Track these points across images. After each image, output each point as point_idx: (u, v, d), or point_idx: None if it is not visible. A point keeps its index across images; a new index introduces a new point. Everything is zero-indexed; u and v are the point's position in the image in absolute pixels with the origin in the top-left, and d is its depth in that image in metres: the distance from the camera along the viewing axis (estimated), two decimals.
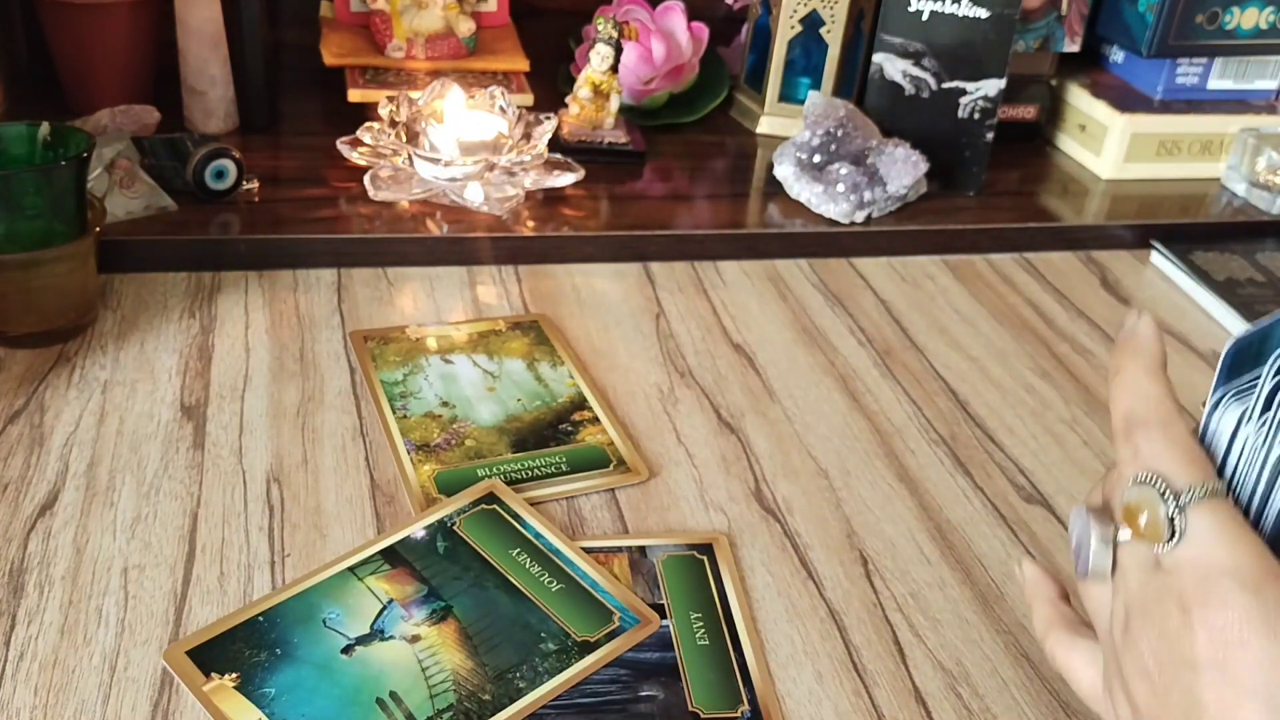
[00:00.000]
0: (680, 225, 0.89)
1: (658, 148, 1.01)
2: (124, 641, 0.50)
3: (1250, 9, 1.05)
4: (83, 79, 0.94)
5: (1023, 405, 0.74)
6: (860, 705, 0.51)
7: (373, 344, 0.72)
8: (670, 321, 0.79)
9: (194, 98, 0.94)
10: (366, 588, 0.54)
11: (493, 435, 0.65)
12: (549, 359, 0.73)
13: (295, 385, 0.68)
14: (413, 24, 0.98)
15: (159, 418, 0.64)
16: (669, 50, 1.03)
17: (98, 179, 0.79)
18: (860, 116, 0.95)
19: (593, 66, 0.96)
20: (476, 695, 0.49)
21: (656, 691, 0.50)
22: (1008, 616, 0.57)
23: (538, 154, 0.88)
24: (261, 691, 0.48)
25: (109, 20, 0.92)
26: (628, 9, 1.05)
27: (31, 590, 0.52)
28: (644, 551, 0.58)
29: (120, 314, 0.74)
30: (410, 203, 0.87)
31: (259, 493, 0.60)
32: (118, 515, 0.57)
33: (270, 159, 0.92)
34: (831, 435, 0.69)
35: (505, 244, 0.84)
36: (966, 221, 0.94)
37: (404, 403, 0.67)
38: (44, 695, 0.47)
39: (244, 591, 0.53)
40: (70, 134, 0.70)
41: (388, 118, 0.88)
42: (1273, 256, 0.94)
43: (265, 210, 0.85)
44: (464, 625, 0.52)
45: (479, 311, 0.78)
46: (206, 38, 0.92)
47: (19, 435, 0.62)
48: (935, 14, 0.94)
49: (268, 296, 0.77)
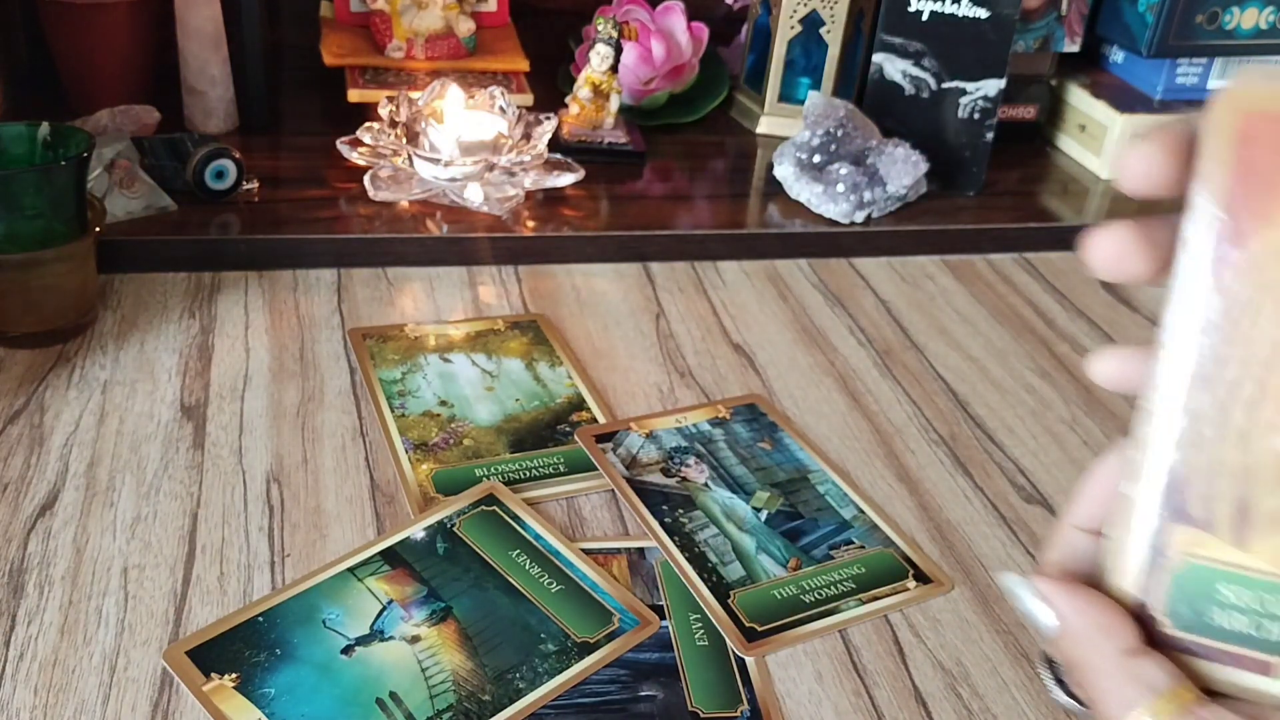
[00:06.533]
0: (680, 225, 0.89)
1: (658, 148, 1.01)
2: (124, 641, 0.50)
3: (1250, 9, 1.05)
4: (83, 79, 0.94)
5: (1023, 405, 0.74)
6: (860, 705, 0.51)
7: (371, 342, 0.72)
8: (670, 321, 0.79)
9: (194, 98, 0.94)
10: (366, 588, 0.54)
11: (490, 435, 0.65)
12: (548, 359, 0.73)
13: (295, 385, 0.68)
14: (413, 24, 0.98)
15: (159, 418, 0.64)
16: (669, 50, 1.03)
17: (98, 179, 0.79)
18: (860, 116, 0.95)
19: (593, 66, 0.96)
20: (476, 696, 0.49)
21: (656, 692, 0.50)
22: (1008, 616, 0.57)
23: (538, 154, 0.88)
24: (261, 692, 0.48)
25: (109, 20, 0.92)
26: (628, 9, 1.05)
27: (31, 590, 0.52)
28: (643, 553, 0.58)
29: (120, 314, 0.74)
30: (410, 203, 0.87)
31: (259, 493, 0.60)
32: (118, 515, 0.57)
33: (270, 159, 0.92)
34: (831, 435, 0.69)
35: (505, 244, 0.84)
36: (966, 221, 0.94)
37: (402, 401, 0.67)
38: (44, 695, 0.47)
39: (244, 592, 0.53)
40: (70, 134, 0.70)
41: (388, 118, 0.87)
42: None
43: (265, 210, 0.85)
44: (464, 626, 0.52)
45: (479, 311, 0.78)
46: (206, 38, 0.92)
47: (19, 435, 0.62)
48: (935, 14, 0.94)
49: (268, 296, 0.77)
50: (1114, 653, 0.30)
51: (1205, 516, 0.30)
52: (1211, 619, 0.30)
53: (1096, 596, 0.31)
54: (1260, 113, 0.29)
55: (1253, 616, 0.30)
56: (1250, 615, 0.30)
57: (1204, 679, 0.30)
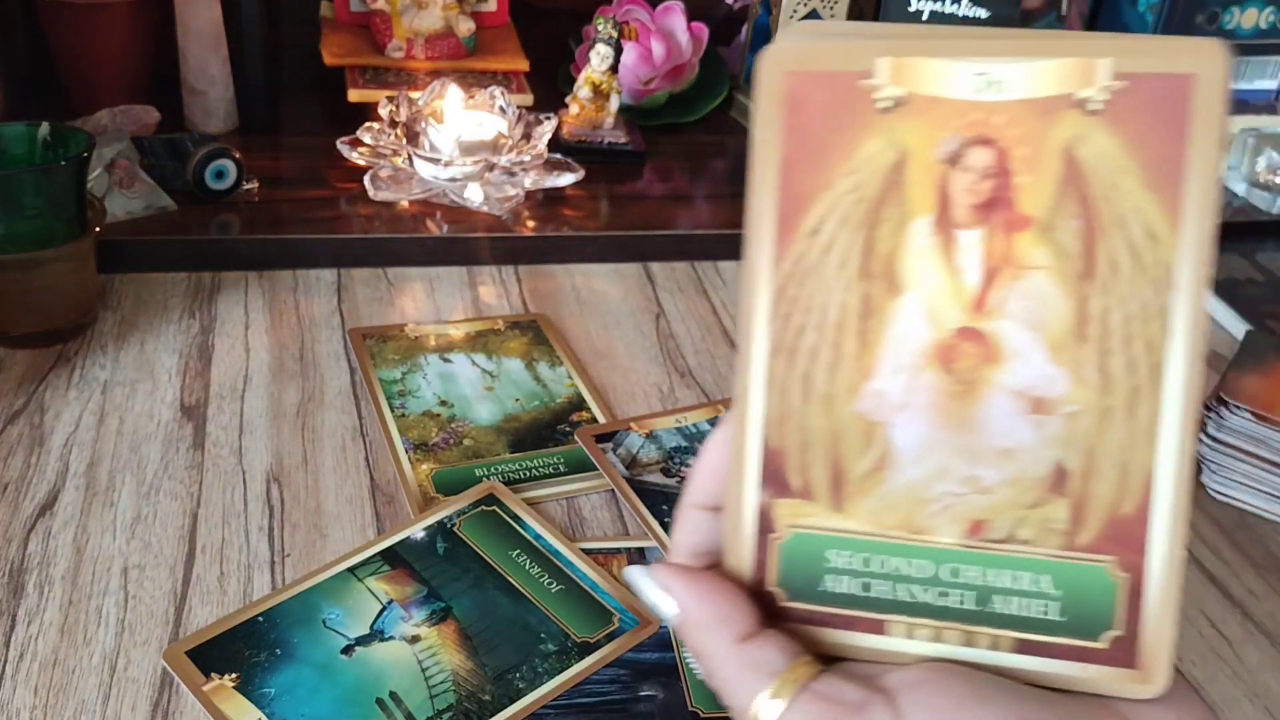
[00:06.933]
0: (680, 225, 0.89)
1: (658, 148, 1.01)
2: (124, 641, 0.50)
3: (1250, 9, 1.05)
4: (83, 79, 0.94)
5: None
6: None
7: (371, 341, 0.72)
8: (670, 321, 0.79)
9: (194, 98, 0.94)
10: (366, 588, 0.54)
11: (490, 435, 0.65)
12: (547, 359, 0.73)
13: (295, 385, 0.68)
14: (413, 24, 0.98)
15: (159, 418, 0.64)
16: (669, 50, 1.03)
17: (98, 179, 0.79)
18: None
19: (593, 66, 0.96)
20: (476, 695, 0.49)
21: (656, 691, 0.50)
22: None
23: (538, 154, 0.88)
24: (261, 691, 0.48)
25: (109, 20, 0.92)
26: (628, 9, 1.05)
27: (31, 590, 0.52)
28: (643, 553, 0.58)
29: (120, 314, 0.74)
30: (410, 203, 0.87)
31: (259, 493, 0.60)
32: (118, 515, 0.57)
33: (270, 159, 0.92)
34: None
35: (505, 244, 0.84)
36: None
37: (402, 401, 0.67)
38: (44, 695, 0.47)
39: (244, 592, 0.53)
40: (70, 134, 0.70)
41: (388, 118, 0.88)
42: (1273, 256, 0.94)
43: (265, 210, 0.85)
44: (464, 626, 0.52)
45: (479, 311, 0.78)
46: (206, 38, 0.92)
47: (19, 435, 0.62)
48: (935, 14, 0.94)
49: (268, 296, 0.77)
50: (730, 641, 0.30)
51: (803, 485, 0.30)
52: (823, 585, 0.30)
53: (717, 582, 0.31)
54: (804, 71, 0.29)
55: (861, 578, 0.30)
56: (858, 577, 0.30)
57: (823, 646, 0.30)
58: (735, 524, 0.31)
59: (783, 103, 0.29)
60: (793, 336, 0.30)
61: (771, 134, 0.30)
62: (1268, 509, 0.65)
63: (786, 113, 0.29)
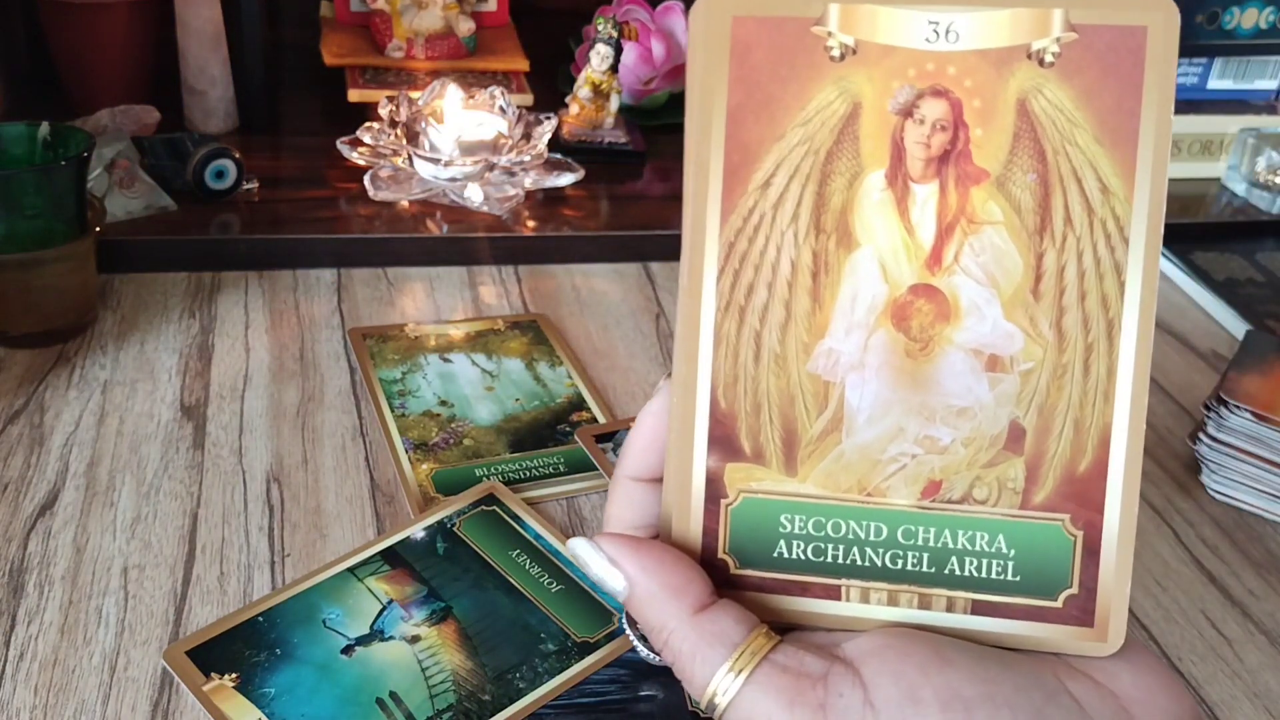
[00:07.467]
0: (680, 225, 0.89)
1: (658, 148, 1.01)
2: (124, 641, 0.50)
3: (1250, 9, 1.05)
4: (83, 79, 0.94)
5: None
6: None
7: (371, 341, 0.72)
8: (670, 321, 0.79)
9: (194, 98, 0.94)
10: (366, 588, 0.54)
11: (490, 435, 0.65)
12: (547, 359, 0.73)
13: (295, 385, 0.68)
14: (413, 24, 0.98)
15: (159, 418, 0.64)
16: (669, 50, 1.03)
17: (98, 179, 0.79)
18: None
19: (593, 66, 0.96)
20: (476, 695, 0.49)
21: (656, 692, 0.50)
22: None
23: (538, 154, 0.88)
24: (261, 691, 0.48)
25: (109, 20, 0.92)
26: (628, 9, 1.05)
27: (31, 590, 0.52)
28: None
29: (120, 314, 0.74)
30: (410, 203, 0.87)
31: (259, 493, 0.60)
32: (118, 515, 0.57)
33: (270, 159, 0.92)
34: None
35: (505, 244, 0.84)
36: None
37: (402, 401, 0.67)
38: (44, 695, 0.47)
39: (244, 591, 0.53)
40: (70, 134, 0.70)
41: (388, 118, 0.88)
42: (1273, 256, 0.94)
43: (265, 210, 0.85)
44: (464, 626, 0.52)
45: (479, 311, 0.78)
46: (206, 38, 0.92)
47: (19, 435, 0.62)
48: None
49: (268, 296, 0.77)
50: (685, 613, 0.29)
51: (754, 448, 0.29)
52: (776, 551, 0.30)
53: (666, 553, 0.29)
54: (752, 17, 0.28)
55: (814, 542, 0.29)
56: (812, 541, 0.29)
57: (778, 613, 0.30)
58: (681, 492, 0.30)
59: (729, 49, 0.28)
60: (742, 294, 0.29)
61: (716, 81, 0.28)
62: (1268, 509, 0.65)
63: (733, 60, 0.28)
